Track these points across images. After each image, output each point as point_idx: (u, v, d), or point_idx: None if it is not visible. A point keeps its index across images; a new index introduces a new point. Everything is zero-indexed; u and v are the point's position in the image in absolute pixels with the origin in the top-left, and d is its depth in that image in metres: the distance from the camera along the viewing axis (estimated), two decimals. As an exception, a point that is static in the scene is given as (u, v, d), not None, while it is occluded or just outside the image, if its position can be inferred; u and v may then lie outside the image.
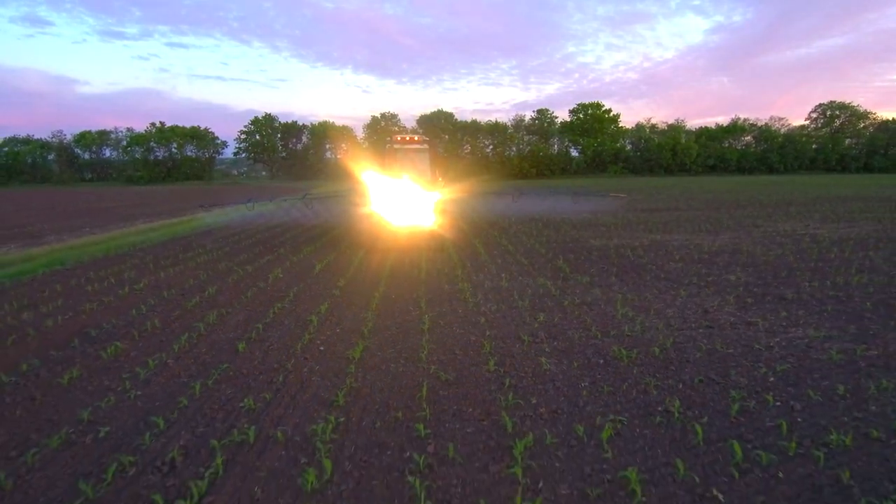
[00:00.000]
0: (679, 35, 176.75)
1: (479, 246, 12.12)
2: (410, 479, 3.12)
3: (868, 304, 6.73)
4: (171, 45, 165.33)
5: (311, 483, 3.07)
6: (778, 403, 4.06)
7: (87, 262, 11.02)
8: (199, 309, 7.03)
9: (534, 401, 4.17)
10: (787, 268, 9.04)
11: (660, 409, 3.98)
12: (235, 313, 6.81)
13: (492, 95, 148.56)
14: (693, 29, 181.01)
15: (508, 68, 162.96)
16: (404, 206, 11.43)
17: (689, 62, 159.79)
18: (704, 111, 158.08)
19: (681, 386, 4.39)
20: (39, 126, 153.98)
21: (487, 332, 5.84)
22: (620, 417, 3.85)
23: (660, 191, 34.72)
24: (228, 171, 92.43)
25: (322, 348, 5.45)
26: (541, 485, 3.06)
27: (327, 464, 3.24)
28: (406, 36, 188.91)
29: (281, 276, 9.15)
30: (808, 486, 3.05)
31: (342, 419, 3.90)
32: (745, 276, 8.48)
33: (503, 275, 8.96)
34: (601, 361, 4.97)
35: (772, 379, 4.51)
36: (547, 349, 5.31)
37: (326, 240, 13.68)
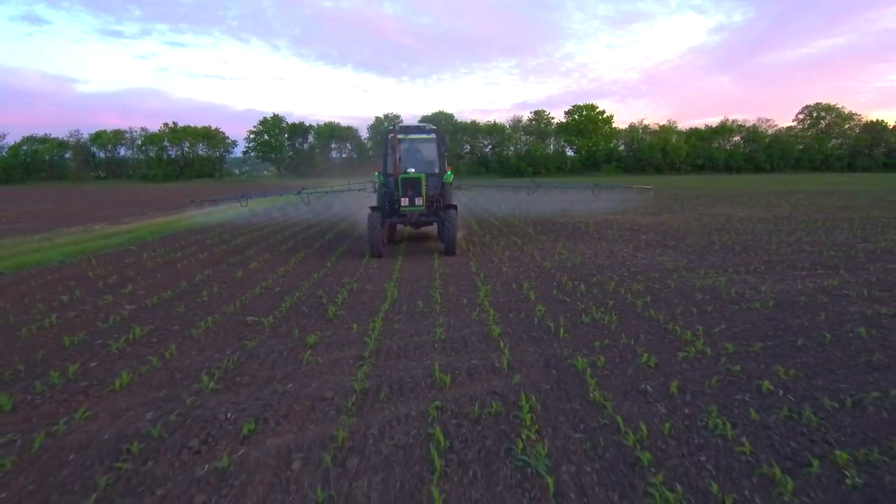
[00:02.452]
0: (679, 35, 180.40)
1: (474, 223, 15.93)
2: (433, 294, 6.93)
3: (717, 248, 10.53)
4: (170, 43, 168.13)
5: (388, 298, 6.88)
6: (617, 279, 7.85)
7: (181, 231, 14.82)
8: (288, 252, 10.87)
9: (493, 279, 7.98)
10: (688, 233, 12.84)
11: (556, 280, 7.79)
12: (312, 254, 10.65)
13: (492, 95, 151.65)
14: (693, 28, 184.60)
15: (508, 68, 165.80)
16: (410, 200, 10.13)
17: (690, 62, 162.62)
18: (705, 111, 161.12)
19: (573, 276, 8.19)
20: (38, 125, 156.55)
21: (473, 260, 9.66)
22: (535, 283, 7.66)
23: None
24: (230, 170, 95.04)
25: (375, 266, 9.28)
26: (490, 297, 6.86)
27: (395, 292, 7.07)
28: (406, 35, 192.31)
29: (331, 238, 12.99)
30: (612, 297, 6.81)
31: (395, 285, 7.70)
32: (654, 237, 12.30)
33: (487, 237, 12.78)
34: (536, 269, 8.78)
35: (625, 273, 8.31)
36: (507, 265, 9.13)
37: (352, 221, 17.49)
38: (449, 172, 11.19)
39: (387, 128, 13.32)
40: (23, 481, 3.06)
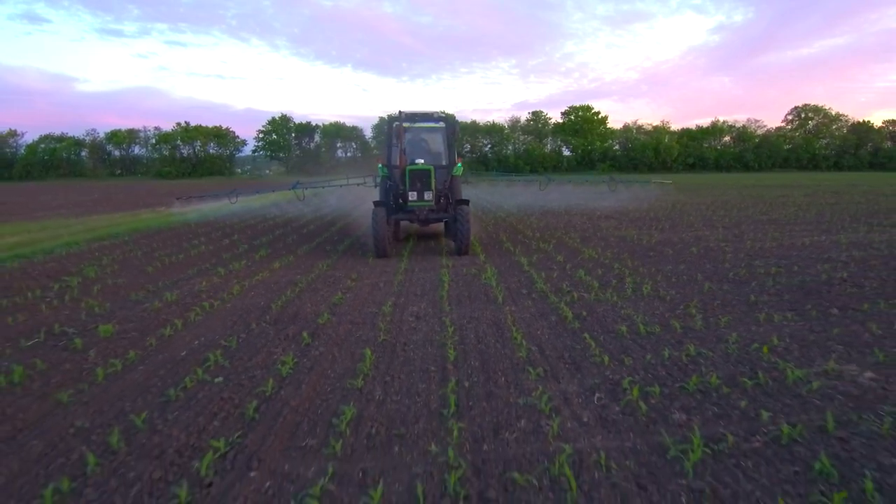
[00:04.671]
0: (679, 34, 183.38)
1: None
2: (440, 243, 10.70)
3: (647, 219, 14.26)
4: (169, 43, 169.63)
5: (409, 246, 10.63)
6: (563, 231, 11.57)
7: (238, 212, 18.54)
8: (331, 222, 14.62)
9: (480, 233, 11.73)
10: (633, 211, 16.58)
11: (522, 233, 11.54)
12: (349, 224, 14.42)
13: (492, 94, 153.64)
14: (693, 28, 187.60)
15: (508, 67, 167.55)
16: (418, 194, 9.35)
17: (690, 61, 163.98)
18: (705, 110, 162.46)
19: (534, 231, 11.94)
20: (39, 124, 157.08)
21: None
22: (508, 234, 11.41)
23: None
24: (236, 168, 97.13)
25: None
26: (476, 239, 10.61)
27: (414, 239, 10.83)
28: (405, 34, 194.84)
29: (358, 216, 16.77)
30: (555, 239, 10.52)
31: (413, 237, 11.45)
32: (604, 213, 16.04)
33: (479, 212, 16.54)
34: (511, 230, 12.53)
35: (571, 230, 12.03)
36: (491, 226, 12.90)
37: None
38: (459, 164, 10.31)
39: (391, 117, 10.52)
40: (254, 291, 6.77)
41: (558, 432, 3.04)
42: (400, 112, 9.73)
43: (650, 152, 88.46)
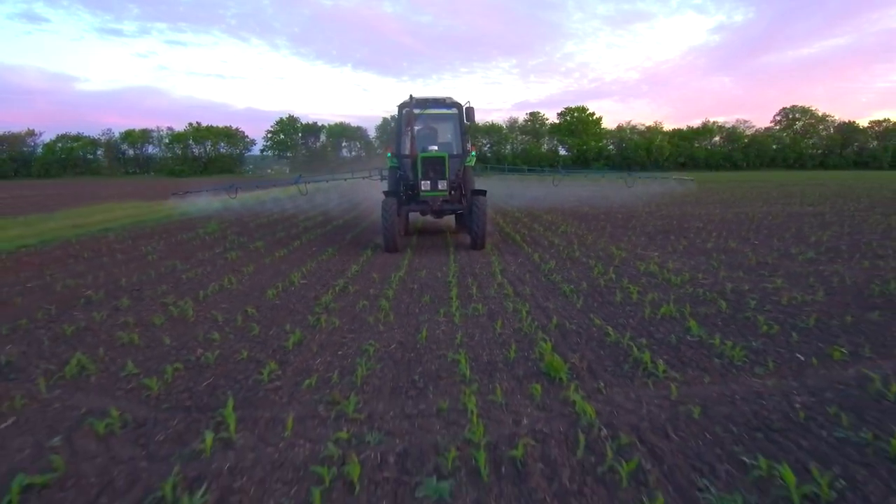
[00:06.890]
0: (680, 34, 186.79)
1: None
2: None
3: (608, 201, 18.26)
4: (169, 42, 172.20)
5: (421, 222, 14.68)
6: (541, 207, 15.59)
7: (280, 198, 22.55)
8: (354, 205, 18.66)
9: (474, 209, 15.77)
10: (601, 197, 20.58)
11: (508, 212, 15.56)
12: (370, 207, 18.45)
13: (492, 94, 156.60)
14: (694, 28, 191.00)
15: (509, 67, 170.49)
16: (431, 183, 9.05)
17: (690, 61, 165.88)
18: (706, 110, 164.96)
19: (520, 212, 15.95)
20: (39, 123, 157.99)
21: (464, 204, 17.46)
22: (499, 213, 15.44)
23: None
24: (241, 167, 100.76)
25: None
26: (470, 212, 14.65)
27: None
28: (405, 34, 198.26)
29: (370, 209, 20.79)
30: (534, 215, 14.51)
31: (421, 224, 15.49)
32: (576, 198, 20.04)
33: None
34: (499, 205, 16.53)
35: (544, 205, 16.05)
36: (482, 206, 16.93)
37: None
38: (473, 153, 10.10)
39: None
40: (330, 233, 10.76)
41: (498, 267, 7.06)
42: (411, 97, 8.99)
43: (643, 152, 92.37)
